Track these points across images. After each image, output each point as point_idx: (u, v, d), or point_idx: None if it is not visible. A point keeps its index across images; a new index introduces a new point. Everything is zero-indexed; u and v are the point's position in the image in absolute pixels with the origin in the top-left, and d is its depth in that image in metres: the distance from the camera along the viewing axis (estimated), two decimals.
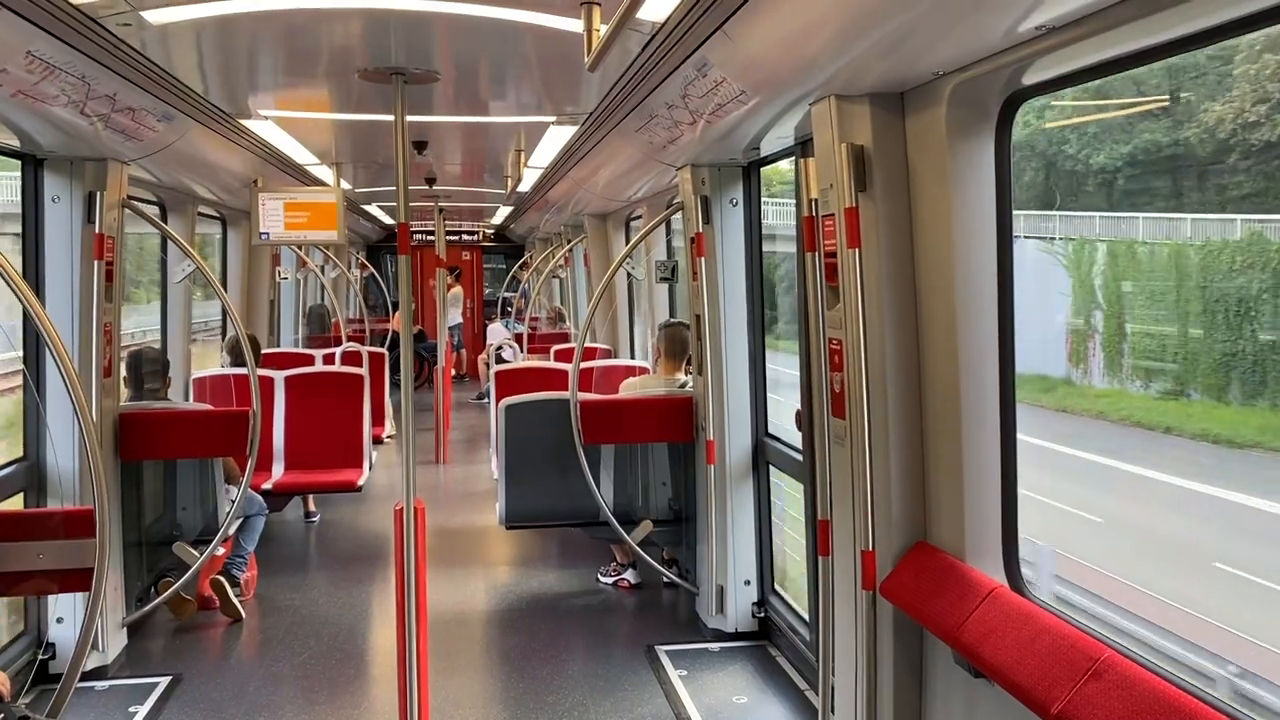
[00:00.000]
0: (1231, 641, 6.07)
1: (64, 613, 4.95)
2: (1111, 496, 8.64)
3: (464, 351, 17.53)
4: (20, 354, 5.06)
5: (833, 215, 3.53)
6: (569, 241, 12.05)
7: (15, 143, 4.66)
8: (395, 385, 10.92)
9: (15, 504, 4.87)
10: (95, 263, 4.92)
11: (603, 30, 3.00)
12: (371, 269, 16.16)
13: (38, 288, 4.88)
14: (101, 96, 4.01)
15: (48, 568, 3.62)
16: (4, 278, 3.42)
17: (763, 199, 5.66)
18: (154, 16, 3.34)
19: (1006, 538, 3.26)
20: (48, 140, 4.59)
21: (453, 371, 13.84)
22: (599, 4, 3.10)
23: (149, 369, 5.88)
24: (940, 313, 3.31)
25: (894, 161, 3.40)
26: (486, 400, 12.40)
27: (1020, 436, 3.30)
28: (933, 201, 3.29)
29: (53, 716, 3.46)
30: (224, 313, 8.77)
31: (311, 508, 8.34)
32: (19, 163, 4.94)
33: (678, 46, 3.58)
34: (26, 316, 4.85)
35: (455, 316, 17.36)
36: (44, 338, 3.57)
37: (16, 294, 3.51)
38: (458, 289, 17.72)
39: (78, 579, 3.63)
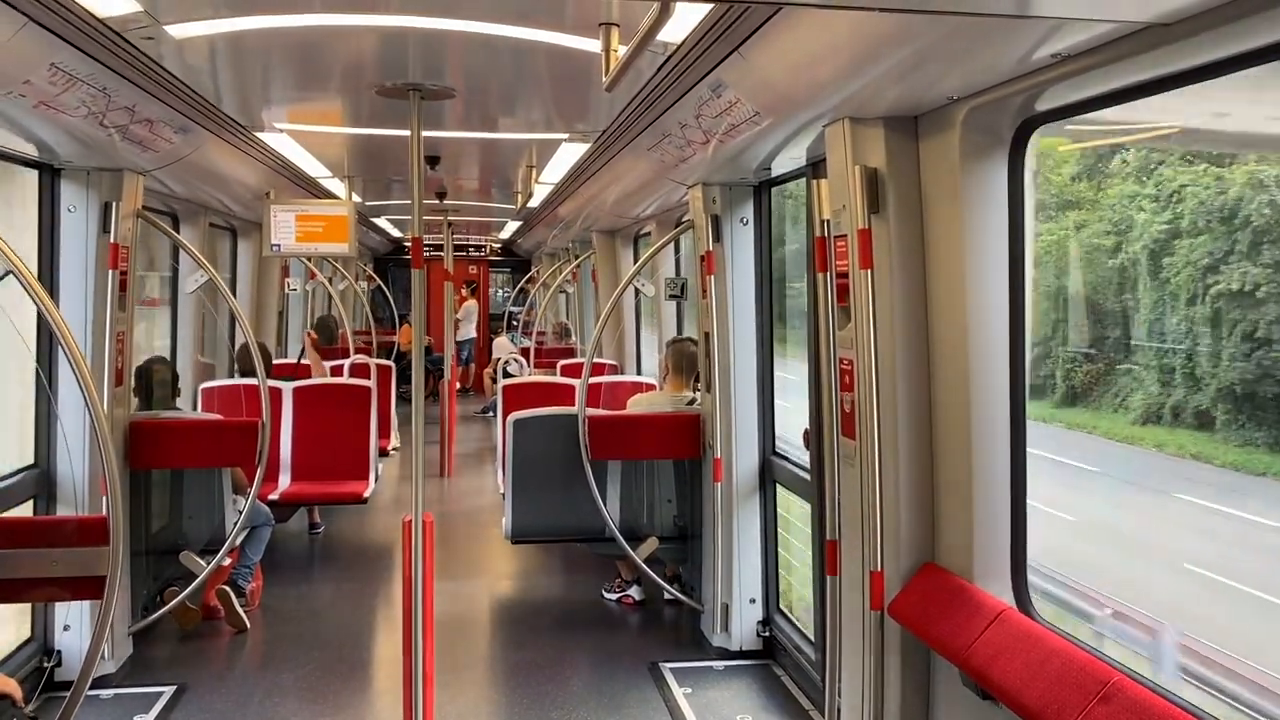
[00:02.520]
0: None
1: (71, 620, 4.96)
2: None
3: (472, 366, 17.54)
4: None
5: (845, 236, 3.56)
6: (577, 257, 12.09)
7: (33, 152, 4.70)
8: (399, 398, 10.94)
9: (24, 510, 4.89)
10: (110, 272, 4.96)
11: (621, 51, 3.04)
12: (379, 281, 16.21)
13: (52, 296, 4.91)
14: (121, 108, 4.05)
15: (61, 575, 3.64)
16: (23, 284, 3.45)
17: None
18: (176, 30, 3.39)
19: (1015, 559, 3.27)
20: (66, 151, 4.63)
21: (457, 385, 13.86)
22: (617, 25, 3.14)
23: (158, 379, 5.90)
24: (951, 335, 3.33)
25: (907, 184, 3.43)
26: (492, 414, 12.41)
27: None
28: (945, 224, 3.31)
29: None
30: (232, 322, 8.80)
31: (316, 519, 8.35)
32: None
33: (693, 67, 3.62)
34: (40, 323, 4.89)
35: (469, 331, 17.33)
36: (60, 345, 3.60)
37: (35, 300, 3.54)
38: (471, 303, 17.71)
39: (90, 587, 3.64)
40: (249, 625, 5.95)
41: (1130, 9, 2.21)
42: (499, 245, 18.73)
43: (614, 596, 6.53)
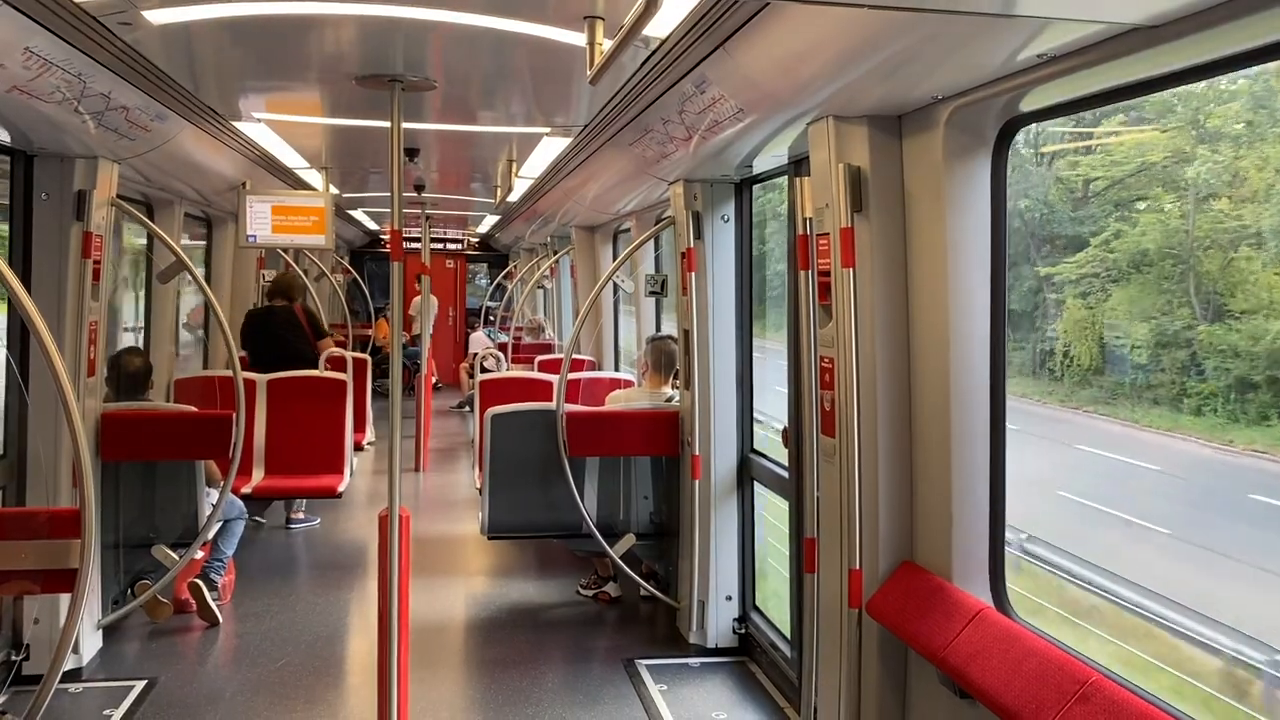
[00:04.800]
0: None
1: (40, 613, 4.89)
2: None
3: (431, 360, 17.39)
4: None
5: (827, 234, 3.56)
6: (555, 252, 12.05)
7: (6, 138, 4.62)
8: (374, 392, 10.87)
9: None
10: (83, 261, 4.89)
11: (606, 45, 3.02)
12: (354, 273, 16.08)
13: (24, 283, 4.83)
14: (96, 95, 3.99)
15: (31, 567, 3.58)
16: None
17: None
18: (154, 16, 3.34)
19: (994, 559, 3.29)
20: (40, 137, 4.56)
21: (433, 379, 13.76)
22: (602, 18, 3.12)
23: (131, 370, 5.83)
24: (932, 334, 3.33)
25: (890, 183, 3.44)
26: (468, 409, 12.34)
27: None
28: (928, 224, 3.32)
29: (30, 719, 3.41)
30: (206, 316, 8.71)
31: (297, 515, 8.21)
32: None
33: (677, 63, 3.61)
34: (11, 311, 4.81)
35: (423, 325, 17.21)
36: (34, 335, 3.54)
37: (6, 288, 3.48)
38: (418, 299, 17.57)
39: (61, 580, 3.59)
40: (221, 619, 5.89)
41: (1117, 10, 2.21)
42: (476, 239, 18.63)
43: (590, 593, 6.52)
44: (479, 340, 14.14)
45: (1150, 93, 2.76)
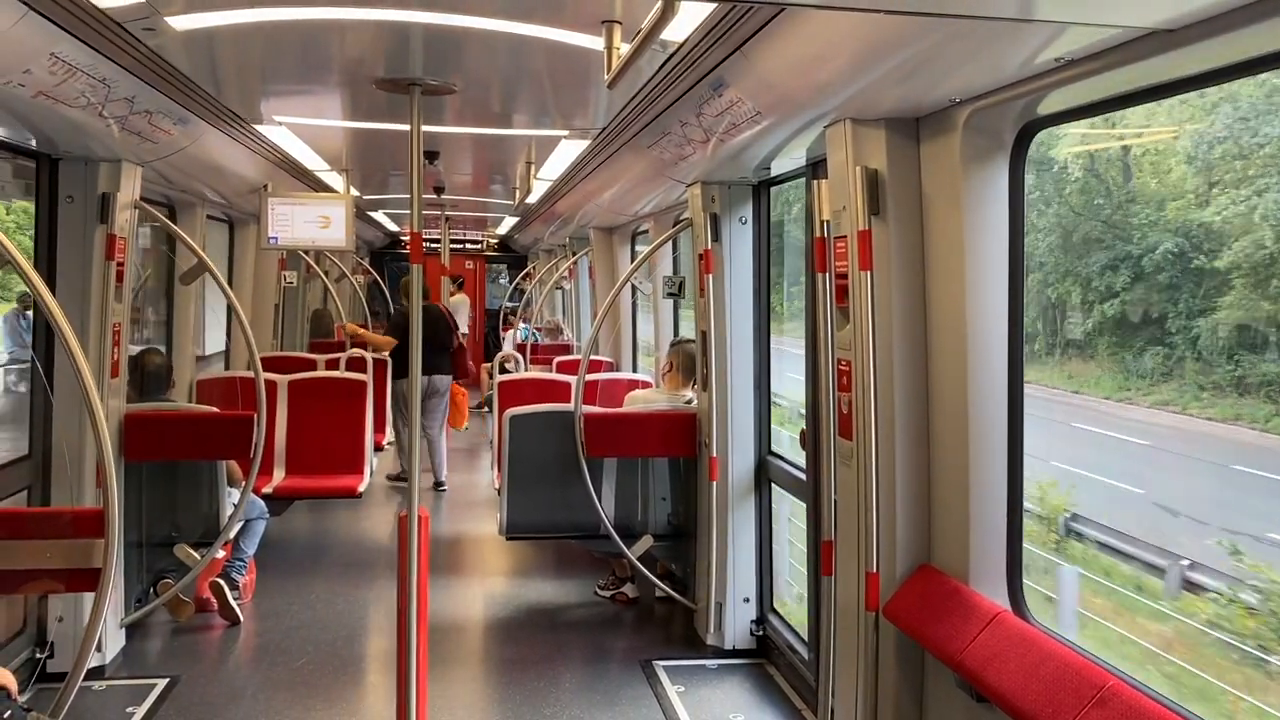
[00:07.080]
0: None
1: (64, 612, 4.95)
2: None
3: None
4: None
5: (845, 237, 3.56)
6: (573, 254, 12.07)
7: (31, 142, 4.68)
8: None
9: (17, 500, 4.87)
10: (107, 263, 4.94)
11: (624, 49, 3.03)
12: (375, 275, 16.15)
13: (49, 285, 4.89)
14: (120, 99, 4.04)
15: (56, 567, 3.63)
16: (22, 277, 3.44)
17: None
18: (177, 22, 3.38)
19: (1011, 562, 3.28)
20: (65, 141, 4.62)
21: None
22: (620, 22, 3.13)
23: (152, 370, 5.89)
24: (950, 337, 3.33)
25: (908, 186, 3.43)
26: (487, 409, 12.37)
27: None
28: (946, 227, 3.31)
29: (55, 716, 3.46)
30: (229, 317, 8.78)
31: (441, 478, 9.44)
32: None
33: (695, 66, 3.62)
34: (37, 313, 4.87)
35: (460, 325, 17.30)
36: (59, 337, 3.58)
37: (32, 290, 3.53)
38: (461, 296, 17.68)
39: (85, 579, 3.63)
40: (242, 618, 5.94)
41: (1135, 14, 2.21)
42: (495, 241, 18.68)
43: (607, 594, 6.53)
44: (511, 338, 14.14)
45: (1171, 95, 2.75)
